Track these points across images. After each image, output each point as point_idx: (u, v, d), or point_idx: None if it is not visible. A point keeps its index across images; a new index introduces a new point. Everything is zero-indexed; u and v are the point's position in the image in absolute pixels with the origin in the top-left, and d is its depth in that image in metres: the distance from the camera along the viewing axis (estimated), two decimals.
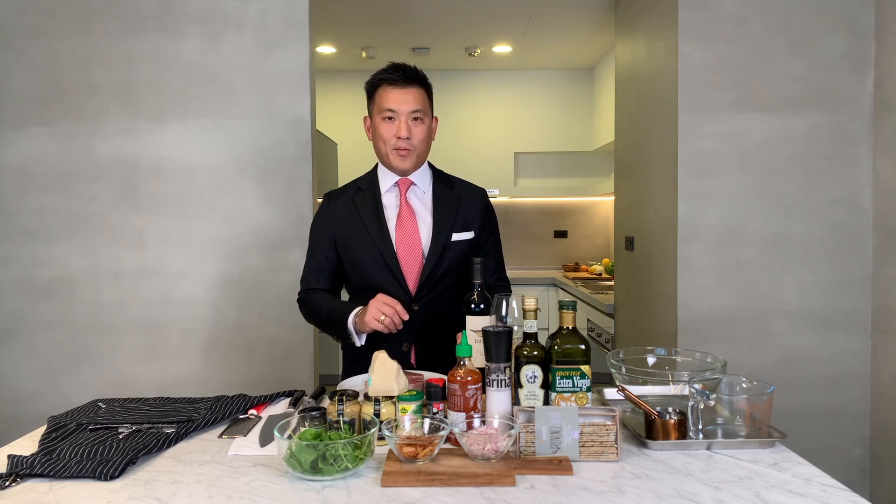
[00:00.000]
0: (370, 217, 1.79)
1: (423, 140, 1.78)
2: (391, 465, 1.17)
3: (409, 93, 1.75)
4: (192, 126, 2.68)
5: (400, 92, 1.74)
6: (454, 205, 1.81)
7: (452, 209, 1.80)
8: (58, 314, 2.72)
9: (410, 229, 1.77)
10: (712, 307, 2.65)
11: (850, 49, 2.60)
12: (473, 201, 1.85)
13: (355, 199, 1.84)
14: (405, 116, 1.74)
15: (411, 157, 1.77)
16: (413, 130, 1.75)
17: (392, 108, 1.75)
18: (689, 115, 2.63)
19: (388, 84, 1.76)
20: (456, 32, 4.53)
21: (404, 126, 1.74)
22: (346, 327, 1.68)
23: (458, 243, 1.78)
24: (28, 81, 2.69)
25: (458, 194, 1.85)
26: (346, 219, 1.82)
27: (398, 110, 1.74)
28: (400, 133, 1.74)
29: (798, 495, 1.08)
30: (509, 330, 1.34)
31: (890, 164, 2.52)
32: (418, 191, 1.83)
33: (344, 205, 1.85)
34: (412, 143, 1.75)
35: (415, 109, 1.74)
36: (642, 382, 1.46)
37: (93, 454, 1.25)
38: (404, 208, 1.80)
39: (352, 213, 1.82)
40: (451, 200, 1.82)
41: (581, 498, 1.08)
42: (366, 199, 1.82)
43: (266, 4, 2.69)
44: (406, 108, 1.74)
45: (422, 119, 1.76)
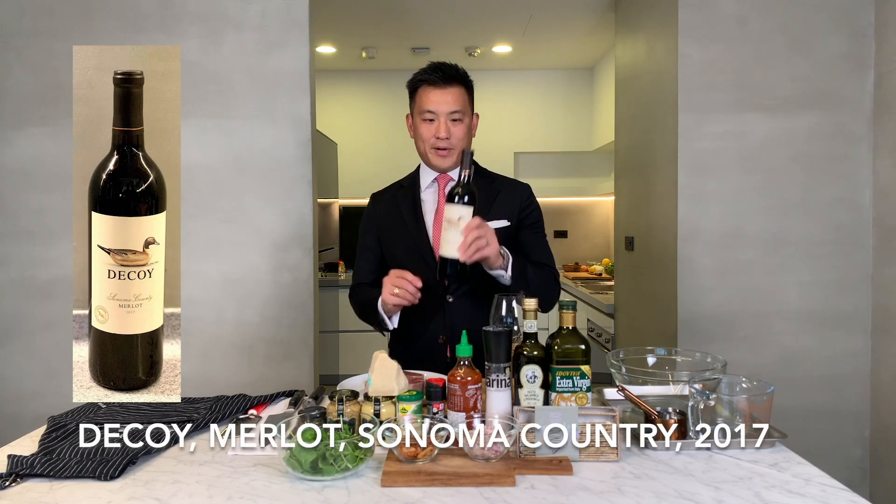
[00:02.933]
0: (408, 212, 1.84)
1: (463, 139, 1.79)
2: (391, 465, 1.17)
3: (449, 93, 1.75)
4: (191, 126, 2.68)
5: (439, 92, 1.75)
6: (491, 196, 1.81)
7: (489, 200, 1.80)
8: (58, 314, 2.72)
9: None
10: (712, 307, 2.65)
11: (850, 49, 2.60)
12: (514, 195, 1.85)
13: (396, 197, 1.89)
14: (444, 117, 1.75)
15: (451, 156, 1.79)
16: (452, 130, 1.76)
17: (431, 110, 1.76)
18: (689, 115, 2.63)
19: (427, 84, 1.77)
20: (456, 32, 4.53)
21: (443, 127, 1.75)
22: (377, 312, 1.73)
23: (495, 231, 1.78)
24: (28, 81, 2.69)
25: (497, 187, 1.85)
26: (387, 215, 1.88)
27: (437, 111, 1.75)
28: (439, 134, 1.76)
29: (798, 495, 1.08)
30: (509, 330, 1.34)
31: (890, 164, 2.52)
32: None
33: (386, 202, 1.91)
34: (451, 143, 1.77)
35: (454, 110, 1.75)
36: (642, 382, 1.46)
37: (93, 454, 1.25)
38: (442, 204, 1.81)
39: (392, 209, 1.88)
40: (488, 193, 1.82)
41: (581, 498, 1.08)
42: (406, 196, 1.87)
43: (266, 4, 2.69)
44: (445, 108, 1.75)
45: (461, 119, 1.77)
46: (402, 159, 5.53)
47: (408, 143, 6.08)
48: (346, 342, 5.04)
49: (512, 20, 4.27)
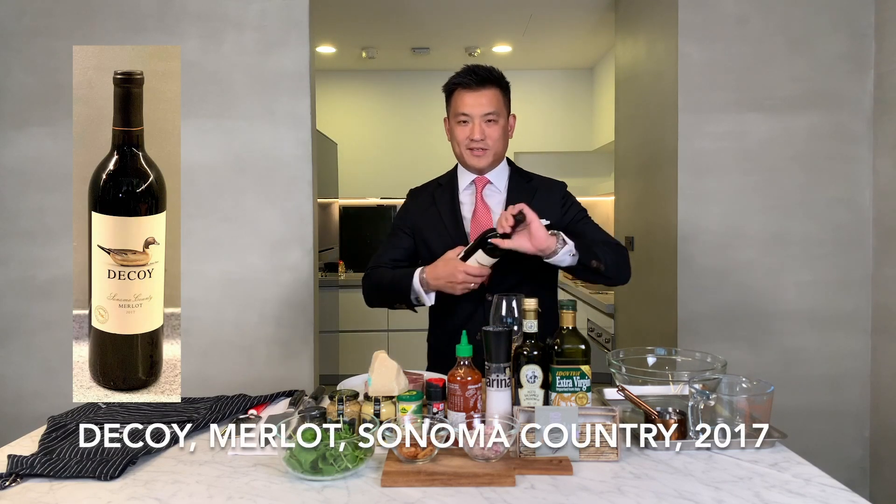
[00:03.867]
0: (446, 210, 1.85)
1: (499, 139, 1.79)
2: (391, 465, 1.17)
3: (483, 95, 1.76)
4: (191, 126, 2.68)
5: (474, 95, 1.76)
6: (529, 195, 1.81)
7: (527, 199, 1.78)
8: (58, 314, 2.71)
9: (484, 224, 1.80)
10: (712, 307, 2.65)
11: (850, 49, 2.60)
12: (552, 194, 1.86)
13: (434, 194, 1.90)
14: (478, 119, 1.76)
15: (487, 156, 1.80)
16: (487, 132, 1.77)
17: (465, 112, 1.76)
18: (689, 115, 2.63)
19: (462, 88, 1.77)
20: (456, 32, 4.53)
21: (478, 129, 1.76)
22: (410, 289, 1.71)
23: None
24: (28, 81, 2.69)
25: (534, 186, 1.86)
26: (425, 211, 1.88)
27: (471, 114, 1.76)
28: (473, 136, 1.76)
29: (798, 495, 1.08)
30: (509, 330, 1.34)
31: (890, 164, 2.52)
32: (494, 189, 1.85)
33: (423, 199, 1.91)
34: (486, 143, 1.77)
35: (488, 112, 1.76)
36: (642, 382, 1.46)
37: (93, 454, 1.25)
38: (480, 205, 1.83)
39: (430, 206, 1.88)
40: (526, 191, 1.83)
41: (581, 498, 1.08)
42: (444, 194, 1.88)
43: (266, 4, 2.69)
44: (479, 110, 1.75)
45: (496, 120, 1.77)
46: (403, 159, 5.57)
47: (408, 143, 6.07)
48: (346, 342, 5.04)
49: (512, 20, 4.27)
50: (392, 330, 5.01)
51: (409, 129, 5.56)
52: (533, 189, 1.85)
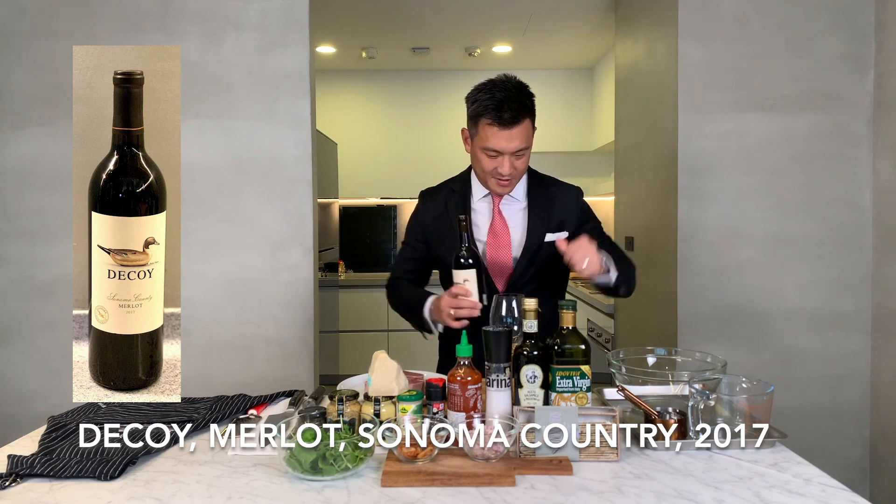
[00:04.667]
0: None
1: (524, 167, 1.74)
2: (391, 465, 1.17)
3: (515, 134, 1.64)
4: (191, 126, 2.68)
5: (505, 132, 1.63)
6: (549, 205, 1.79)
7: (547, 210, 1.78)
8: (58, 314, 2.71)
9: (503, 237, 1.77)
10: (712, 307, 2.65)
11: (850, 49, 2.60)
12: (569, 201, 1.82)
13: (447, 201, 1.84)
14: (509, 155, 1.67)
15: (512, 185, 1.75)
16: (516, 164, 1.69)
17: (496, 149, 1.66)
18: (689, 115, 2.63)
19: (492, 124, 1.63)
20: (456, 32, 4.53)
21: (507, 165, 1.67)
22: (422, 318, 1.70)
23: (551, 244, 1.73)
24: (28, 81, 2.69)
25: (553, 194, 1.82)
26: (437, 219, 1.83)
27: (503, 151, 1.66)
28: (503, 171, 1.68)
29: (798, 495, 1.08)
30: (509, 330, 1.34)
31: (890, 164, 2.52)
32: (511, 199, 1.80)
33: (436, 205, 1.86)
34: (514, 175, 1.71)
35: (519, 149, 1.67)
36: (642, 382, 1.46)
37: (93, 454, 1.25)
38: (497, 218, 1.79)
39: (442, 213, 1.83)
40: (546, 201, 1.80)
41: (581, 498, 1.08)
42: (456, 202, 1.81)
43: (266, 4, 2.69)
44: (510, 148, 1.65)
45: (524, 153, 1.69)
46: (403, 159, 5.57)
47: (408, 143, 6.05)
48: (346, 342, 5.04)
49: (512, 20, 4.27)
50: (392, 330, 5.01)
51: (409, 128, 5.56)
52: (552, 198, 1.81)
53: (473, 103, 1.68)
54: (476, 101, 1.67)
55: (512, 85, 1.66)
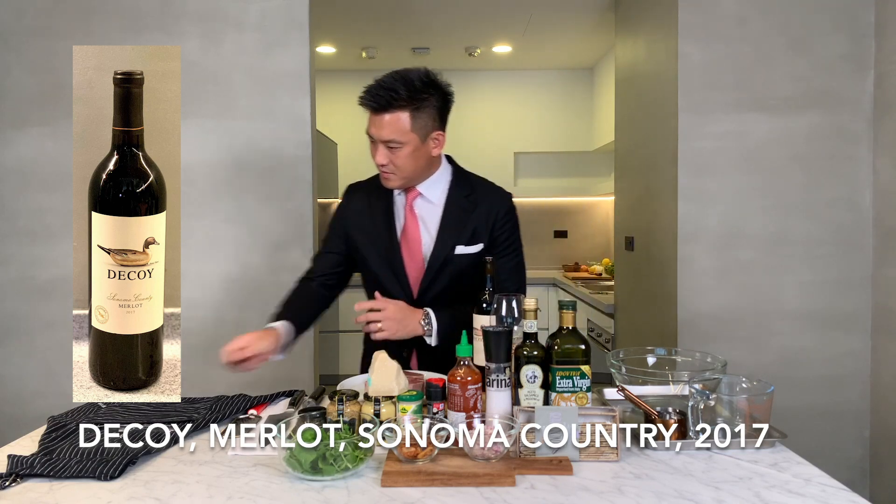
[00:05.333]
0: (380, 218, 1.76)
1: (406, 164, 1.63)
2: (391, 465, 1.17)
3: (384, 121, 1.59)
4: (191, 126, 2.68)
5: (375, 119, 1.61)
6: (466, 215, 1.71)
7: (462, 220, 1.70)
8: (58, 314, 2.71)
9: (413, 238, 1.73)
10: (712, 307, 2.65)
11: (850, 49, 2.60)
12: (489, 211, 1.72)
13: (371, 197, 1.80)
14: (381, 144, 1.62)
15: (395, 180, 1.67)
16: (391, 156, 1.62)
17: (369, 134, 1.65)
18: (689, 115, 2.63)
19: (364, 107, 1.63)
20: (456, 32, 4.53)
21: (379, 153, 1.63)
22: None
23: (462, 256, 1.69)
24: (28, 81, 2.69)
25: (475, 200, 1.73)
26: (360, 215, 1.80)
27: (375, 137, 1.63)
28: (377, 159, 1.64)
29: (798, 495, 1.08)
30: (509, 330, 1.34)
31: (890, 164, 2.52)
32: (425, 202, 1.74)
33: (359, 201, 1.82)
34: (391, 168, 1.64)
35: (388, 140, 1.60)
36: (642, 382, 1.46)
37: (93, 454, 1.25)
38: (409, 217, 1.74)
39: (365, 210, 1.79)
40: (463, 210, 1.71)
41: (581, 498, 1.08)
42: (379, 200, 1.78)
43: (266, 4, 2.69)
44: (380, 136, 1.61)
45: (398, 147, 1.60)
46: None
47: None
48: (346, 342, 5.03)
49: (512, 20, 4.27)
50: None
51: None
52: (472, 204, 1.71)
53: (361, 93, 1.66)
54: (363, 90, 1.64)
55: (397, 75, 1.60)
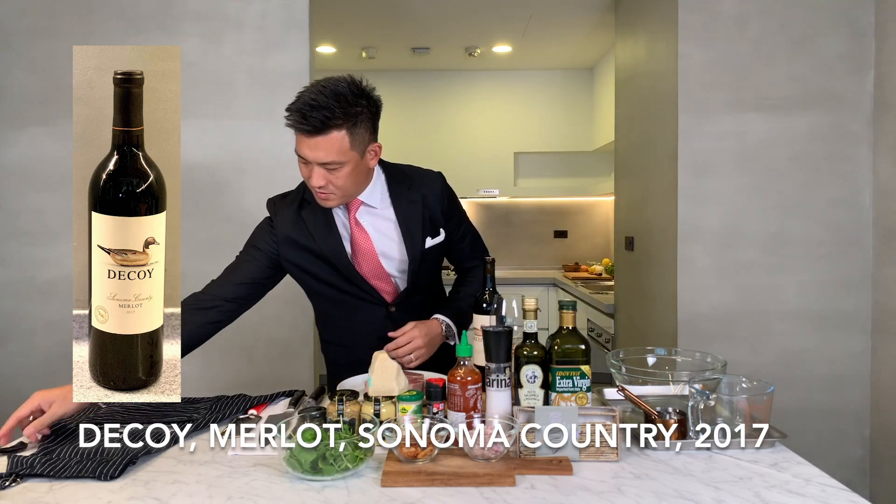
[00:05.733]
0: (320, 232, 1.64)
1: (347, 181, 1.52)
2: (391, 465, 1.17)
3: (319, 143, 1.45)
4: (191, 126, 2.68)
5: (309, 141, 1.46)
6: (417, 207, 1.66)
7: (417, 213, 1.65)
8: (58, 314, 2.72)
9: (367, 251, 1.65)
10: (712, 307, 2.65)
11: (850, 49, 2.60)
12: (433, 193, 1.68)
13: (302, 214, 1.65)
14: (317, 166, 1.49)
15: (335, 199, 1.56)
16: (329, 177, 1.50)
17: (302, 156, 1.49)
18: (689, 115, 2.63)
19: (294, 129, 1.47)
20: (456, 32, 4.53)
21: (316, 174, 1.49)
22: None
23: (431, 249, 1.69)
24: (28, 81, 2.69)
25: (417, 190, 1.67)
26: (295, 231, 1.65)
27: (309, 160, 1.48)
28: (312, 182, 1.51)
29: (798, 495, 1.08)
30: (509, 330, 1.34)
31: (890, 164, 2.52)
32: (369, 209, 1.65)
33: (290, 217, 1.66)
34: (330, 189, 1.52)
35: (325, 161, 1.47)
36: (642, 382, 1.46)
37: (93, 454, 1.25)
38: (355, 230, 1.64)
39: (300, 230, 1.65)
40: (412, 204, 1.66)
41: (581, 498, 1.08)
42: (315, 216, 1.64)
43: (266, 4, 2.69)
44: (316, 158, 1.47)
45: (338, 168, 1.49)
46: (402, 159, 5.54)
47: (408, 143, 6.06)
48: None
49: (512, 20, 4.27)
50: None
51: (409, 129, 5.56)
52: (419, 197, 1.66)
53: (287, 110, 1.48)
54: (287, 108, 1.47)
55: (328, 90, 1.44)
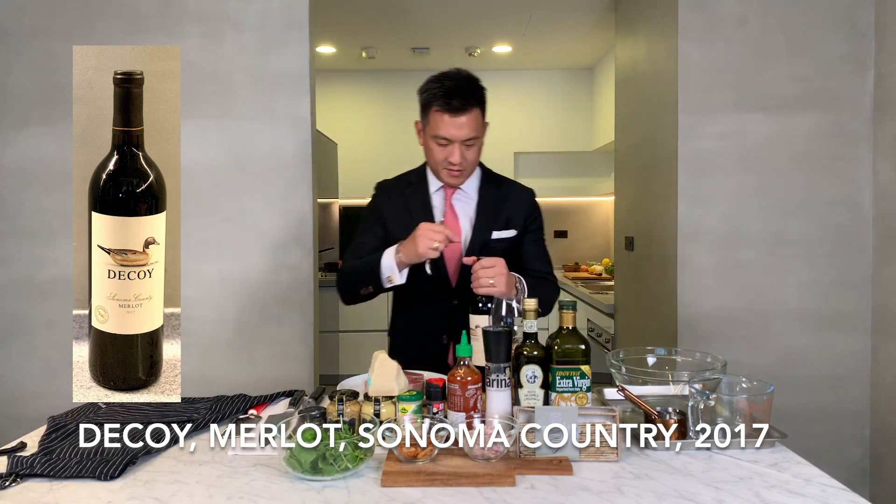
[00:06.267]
0: (418, 212, 1.82)
1: (476, 157, 1.78)
2: (391, 465, 1.17)
3: (464, 121, 1.68)
4: (192, 126, 2.68)
5: (454, 121, 1.68)
6: (499, 204, 1.83)
7: (496, 208, 1.83)
8: (58, 314, 2.71)
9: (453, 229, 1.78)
10: (712, 307, 2.65)
11: (850, 49, 2.60)
12: (520, 201, 1.87)
13: (406, 194, 1.87)
14: (458, 144, 1.70)
15: (464, 176, 1.79)
16: (466, 154, 1.72)
17: (445, 137, 1.70)
18: (689, 115, 2.63)
19: (441, 110, 1.68)
20: (456, 32, 4.53)
21: (457, 154, 1.71)
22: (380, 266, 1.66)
23: (498, 241, 1.81)
24: (28, 81, 2.69)
25: (504, 192, 1.86)
26: (397, 210, 1.85)
27: (453, 139, 1.70)
28: (452, 159, 1.71)
29: (798, 495, 1.08)
30: (509, 330, 1.34)
31: (890, 164, 2.52)
32: (464, 195, 1.85)
33: (396, 197, 1.88)
34: (464, 165, 1.74)
35: (469, 138, 1.70)
36: (642, 382, 1.46)
37: (93, 454, 1.25)
38: (448, 212, 1.83)
39: (402, 206, 1.85)
40: (496, 199, 1.84)
41: (581, 498, 1.08)
42: (415, 196, 1.85)
43: (266, 4, 2.69)
44: (459, 136, 1.69)
45: (474, 144, 1.73)
46: (403, 159, 5.53)
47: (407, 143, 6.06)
48: (346, 342, 5.04)
49: (512, 20, 4.27)
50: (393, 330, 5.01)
51: (409, 129, 5.51)
52: (503, 196, 1.86)
53: (424, 93, 1.73)
54: (427, 90, 1.72)
55: (462, 76, 1.71)
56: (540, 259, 1.87)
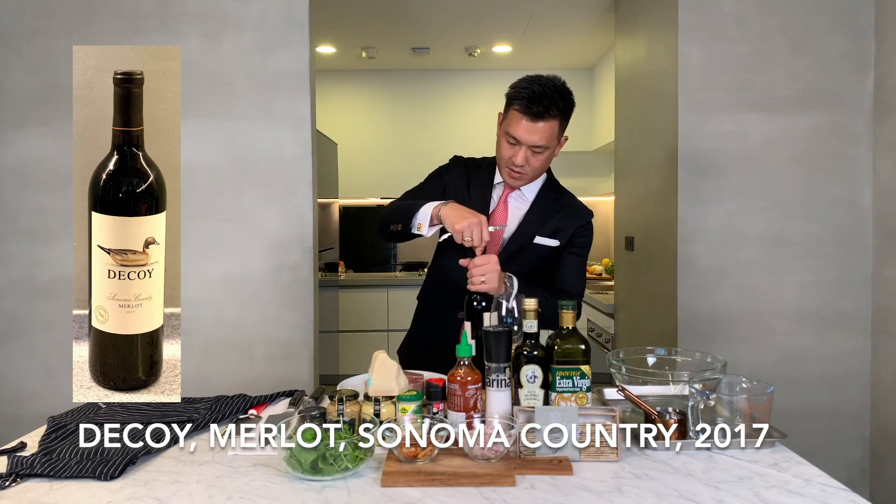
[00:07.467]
0: (477, 192, 1.85)
1: (540, 167, 1.77)
2: (391, 465, 1.17)
3: (538, 127, 1.69)
4: (192, 126, 2.68)
5: (529, 126, 1.69)
6: (552, 213, 1.83)
7: (548, 216, 1.82)
8: (58, 314, 2.71)
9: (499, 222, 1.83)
10: (712, 307, 2.65)
11: (850, 49, 2.60)
12: (575, 216, 1.85)
13: (471, 175, 1.89)
14: (526, 147, 1.71)
15: (523, 179, 1.79)
16: (530, 160, 1.72)
17: (515, 138, 1.71)
18: (689, 115, 2.63)
19: (520, 111, 1.68)
20: (456, 32, 4.53)
21: (521, 156, 1.71)
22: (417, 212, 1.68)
23: (539, 246, 1.80)
24: (28, 81, 2.69)
25: (561, 203, 1.86)
26: (459, 184, 1.88)
27: (522, 141, 1.70)
28: (516, 160, 1.72)
29: (798, 495, 1.08)
30: (509, 330, 1.34)
31: (890, 164, 2.52)
32: (520, 195, 1.85)
33: (460, 172, 1.91)
34: (526, 170, 1.74)
35: (538, 145, 1.70)
36: (642, 382, 1.46)
37: (93, 454, 1.25)
38: (500, 206, 1.84)
39: (465, 183, 1.88)
40: (551, 208, 1.83)
41: (581, 498, 1.08)
42: (479, 177, 1.88)
43: (266, 4, 2.69)
44: (529, 141, 1.70)
45: (542, 152, 1.72)
46: (403, 159, 5.56)
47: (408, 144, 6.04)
48: (346, 342, 5.03)
49: (512, 20, 4.27)
50: (392, 330, 5.01)
51: (410, 129, 5.56)
52: (558, 207, 1.85)
53: (513, 89, 1.72)
54: (516, 87, 1.72)
55: (552, 85, 1.72)
56: (572, 276, 1.84)
